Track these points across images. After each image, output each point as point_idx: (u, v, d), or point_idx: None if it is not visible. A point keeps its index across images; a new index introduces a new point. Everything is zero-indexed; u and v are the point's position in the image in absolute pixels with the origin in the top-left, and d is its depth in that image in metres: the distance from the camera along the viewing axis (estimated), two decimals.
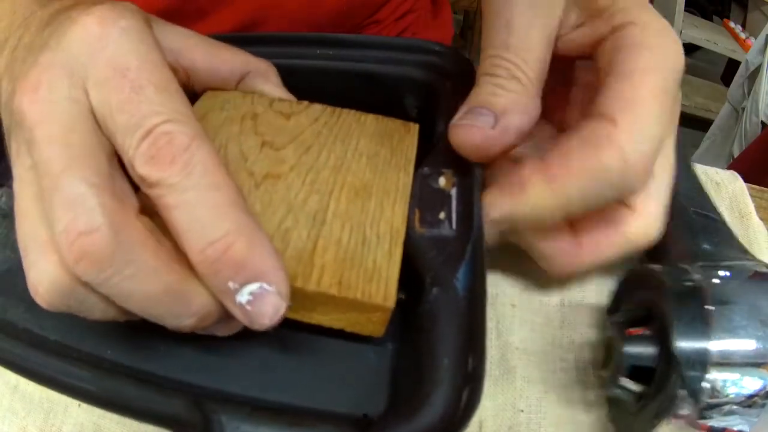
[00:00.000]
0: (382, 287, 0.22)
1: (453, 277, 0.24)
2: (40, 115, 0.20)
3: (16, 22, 0.24)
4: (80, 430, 0.27)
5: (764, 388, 0.22)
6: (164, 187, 0.19)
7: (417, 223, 0.25)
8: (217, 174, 0.20)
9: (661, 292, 0.24)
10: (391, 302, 0.22)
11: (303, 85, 0.31)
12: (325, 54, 0.32)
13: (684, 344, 0.22)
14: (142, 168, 0.19)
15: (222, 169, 0.20)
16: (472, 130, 0.25)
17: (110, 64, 0.20)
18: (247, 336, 0.23)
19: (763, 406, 0.22)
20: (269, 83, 0.30)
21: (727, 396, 0.22)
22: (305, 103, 0.30)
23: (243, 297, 0.20)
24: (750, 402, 0.22)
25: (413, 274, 0.24)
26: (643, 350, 0.24)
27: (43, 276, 0.20)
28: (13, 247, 0.27)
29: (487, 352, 0.22)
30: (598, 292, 0.32)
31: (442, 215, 0.26)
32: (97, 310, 0.21)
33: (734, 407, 0.22)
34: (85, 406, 0.28)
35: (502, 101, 0.25)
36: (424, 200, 0.26)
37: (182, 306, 0.20)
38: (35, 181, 0.20)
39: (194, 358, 0.24)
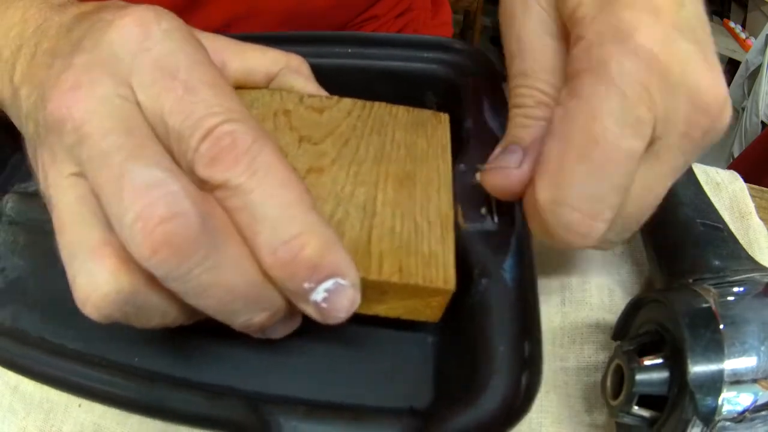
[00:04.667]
0: (441, 271, 0.23)
1: (500, 267, 0.24)
2: (87, 113, 0.19)
3: (28, 30, 0.23)
4: (80, 430, 0.27)
5: (755, 402, 0.22)
6: (229, 188, 0.18)
7: (461, 219, 0.26)
8: (283, 172, 0.19)
9: (673, 318, 0.24)
10: (451, 285, 0.22)
11: (324, 83, 0.31)
12: (346, 52, 0.32)
13: (699, 371, 0.22)
14: (204, 170, 0.18)
15: (287, 166, 0.19)
16: (501, 173, 0.24)
17: (158, 66, 0.19)
18: (287, 339, 0.23)
19: (752, 420, 0.22)
20: (302, 78, 0.30)
21: (721, 414, 0.22)
22: (335, 97, 0.30)
23: (318, 295, 0.19)
24: (741, 417, 0.22)
25: (459, 268, 0.24)
26: (656, 378, 0.24)
27: (97, 283, 0.18)
28: (22, 254, 0.26)
29: (542, 337, 0.22)
30: (598, 291, 0.32)
31: (483, 210, 0.26)
32: (157, 315, 0.20)
33: (727, 423, 0.22)
34: (85, 406, 0.27)
35: (529, 132, 0.24)
36: (464, 197, 0.26)
37: (259, 300, 0.19)
38: (79, 184, 0.19)
39: (239, 362, 0.24)
